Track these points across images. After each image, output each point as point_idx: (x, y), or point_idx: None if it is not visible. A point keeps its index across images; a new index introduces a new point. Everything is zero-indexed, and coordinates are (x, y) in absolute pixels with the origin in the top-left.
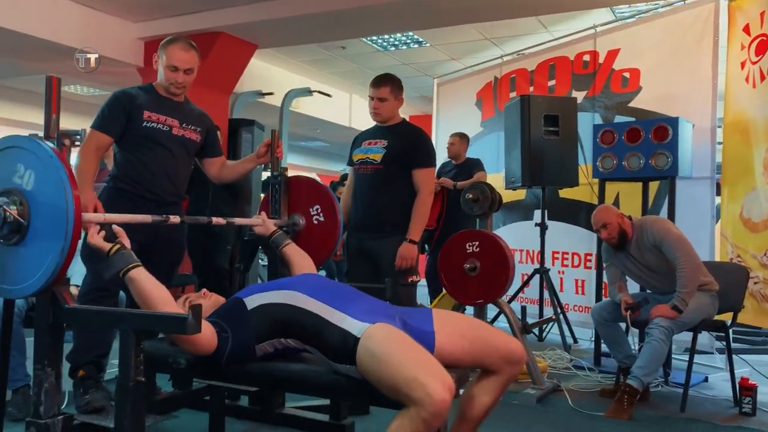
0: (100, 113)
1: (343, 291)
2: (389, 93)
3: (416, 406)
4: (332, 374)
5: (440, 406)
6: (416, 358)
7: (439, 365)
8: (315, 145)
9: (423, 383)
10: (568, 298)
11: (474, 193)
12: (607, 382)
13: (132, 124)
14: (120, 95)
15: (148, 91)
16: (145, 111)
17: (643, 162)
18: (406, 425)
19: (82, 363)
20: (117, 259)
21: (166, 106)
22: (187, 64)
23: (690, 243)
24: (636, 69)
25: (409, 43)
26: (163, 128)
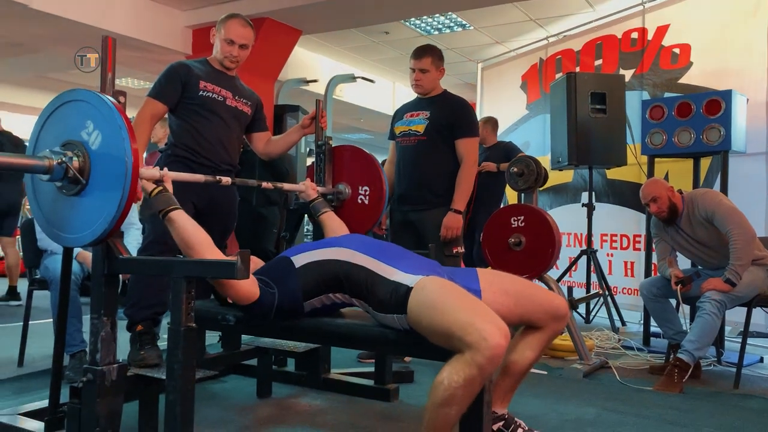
0: (156, 82)
1: (392, 248)
2: (431, 64)
3: (471, 350)
4: (379, 327)
5: (496, 351)
6: (471, 305)
7: (494, 313)
8: (359, 138)
9: (479, 327)
10: (616, 280)
11: (519, 166)
12: (657, 361)
13: (188, 93)
14: (177, 66)
15: (204, 63)
16: (201, 81)
17: (694, 137)
18: (459, 369)
19: (140, 319)
20: (158, 200)
21: (220, 78)
22: (244, 39)
23: (743, 215)
24: (686, 44)
25: (453, 26)
26: (218, 98)
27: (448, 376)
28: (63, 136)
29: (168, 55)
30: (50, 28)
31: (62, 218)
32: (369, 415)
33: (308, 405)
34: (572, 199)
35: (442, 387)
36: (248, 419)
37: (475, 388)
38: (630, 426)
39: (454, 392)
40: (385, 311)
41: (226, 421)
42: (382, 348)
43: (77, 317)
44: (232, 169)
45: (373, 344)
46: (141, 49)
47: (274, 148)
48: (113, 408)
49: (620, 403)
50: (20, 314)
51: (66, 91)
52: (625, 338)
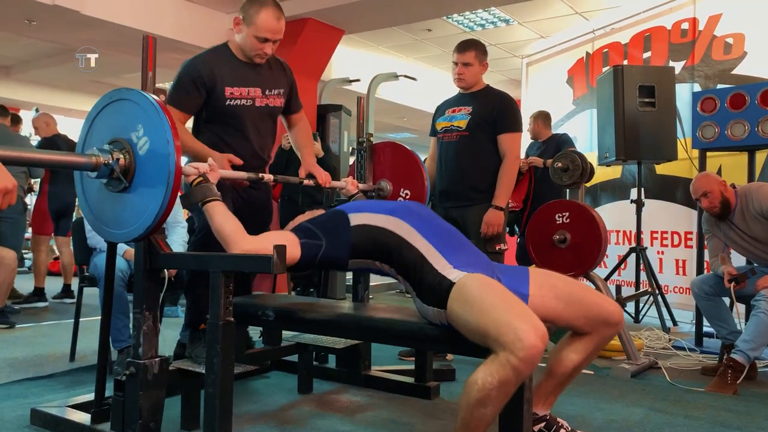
0: (176, 89)
1: (451, 234)
2: (474, 58)
3: (506, 350)
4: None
5: (531, 352)
6: (509, 305)
7: (532, 313)
8: (402, 137)
9: (515, 327)
10: (667, 279)
11: (563, 161)
12: (709, 362)
13: (213, 102)
14: (194, 69)
15: (225, 56)
16: (226, 87)
17: (748, 129)
18: (494, 371)
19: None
20: (198, 190)
21: (247, 74)
22: (279, 34)
23: None
24: (740, 34)
25: (496, 21)
26: (247, 103)
27: (483, 376)
28: (110, 134)
29: None
30: (102, 34)
31: (108, 214)
32: (409, 413)
33: (348, 401)
34: (621, 196)
35: (476, 387)
36: (289, 414)
37: (510, 389)
38: (679, 427)
39: (489, 393)
40: (426, 302)
41: (266, 416)
42: (419, 344)
43: (124, 313)
44: (264, 165)
45: (411, 340)
46: (188, 52)
47: (293, 141)
48: (155, 401)
49: (669, 404)
50: (74, 311)
51: (113, 90)
52: (676, 338)
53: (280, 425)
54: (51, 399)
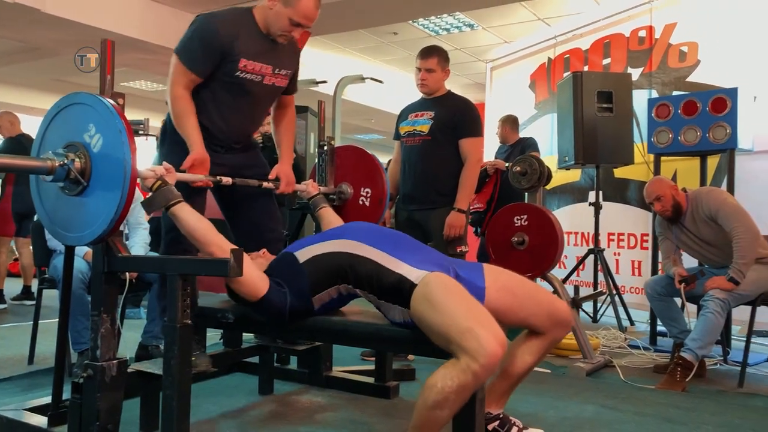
0: (191, 47)
1: (399, 238)
2: (436, 64)
3: (467, 356)
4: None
5: (491, 359)
6: (471, 310)
7: (493, 320)
8: (370, 138)
9: (477, 335)
10: (624, 279)
11: (522, 165)
12: (663, 360)
13: (225, 68)
14: (214, 31)
15: (248, 25)
16: (242, 59)
17: (700, 135)
18: (453, 375)
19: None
20: (159, 195)
21: (264, 50)
22: (313, 22)
23: (747, 213)
24: (694, 42)
25: (460, 26)
26: (256, 78)
27: (442, 380)
28: (66, 137)
29: None
30: (64, 32)
31: (65, 217)
32: (368, 412)
33: (309, 402)
34: (580, 199)
35: (435, 390)
36: (249, 415)
37: (467, 394)
38: (628, 424)
39: (447, 396)
40: (390, 301)
41: (227, 416)
42: (378, 345)
43: (85, 315)
44: (248, 140)
45: (369, 341)
46: (153, 51)
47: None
48: (113, 403)
49: (620, 401)
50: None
51: (69, 93)
52: (631, 337)
53: (241, 426)
54: (8, 402)
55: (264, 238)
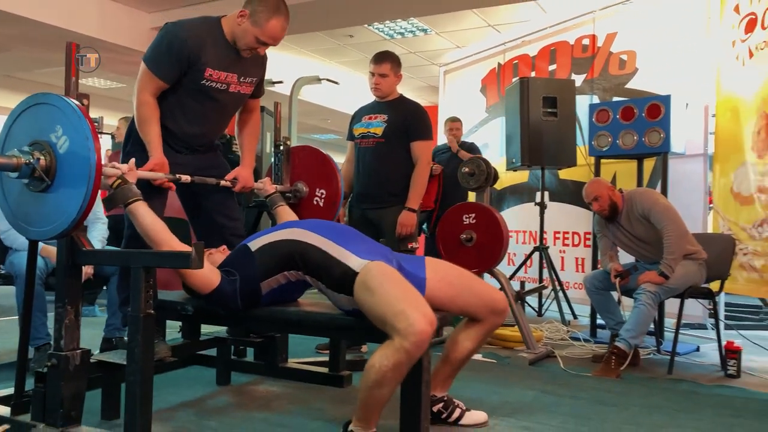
0: (158, 54)
1: (347, 231)
2: (390, 69)
3: (400, 336)
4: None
5: (421, 337)
6: (405, 294)
7: (424, 301)
8: (327, 138)
9: (407, 315)
10: (568, 276)
11: (470, 166)
12: (601, 350)
13: (190, 75)
14: (182, 40)
15: (215, 34)
16: (207, 68)
17: (636, 139)
18: (389, 354)
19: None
20: (119, 193)
21: (230, 60)
22: (279, 41)
23: (677, 212)
24: (633, 51)
25: (414, 30)
26: (221, 87)
27: (379, 360)
28: (32, 135)
29: (135, 56)
30: (16, 29)
31: (29, 213)
32: (322, 399)
33: (265, 391)
34: (528, 199)
35: (373, 370)
36: (208, 404)
37: (403, 371)
38: (565, 406)
39: (385, 375)
40: (336, 290)
41: (185, 405)
42: (328, 333)
43: (42, 311)
44: (210, 144)
45: (322, 330)
46: (107, 50)
47: (239, 129)
48: (76, 391)
49: (558, 387)
50: None
51: (38, 93)
52: (573, 330)
53: (199, 414)
54: None
55: (224, 235)
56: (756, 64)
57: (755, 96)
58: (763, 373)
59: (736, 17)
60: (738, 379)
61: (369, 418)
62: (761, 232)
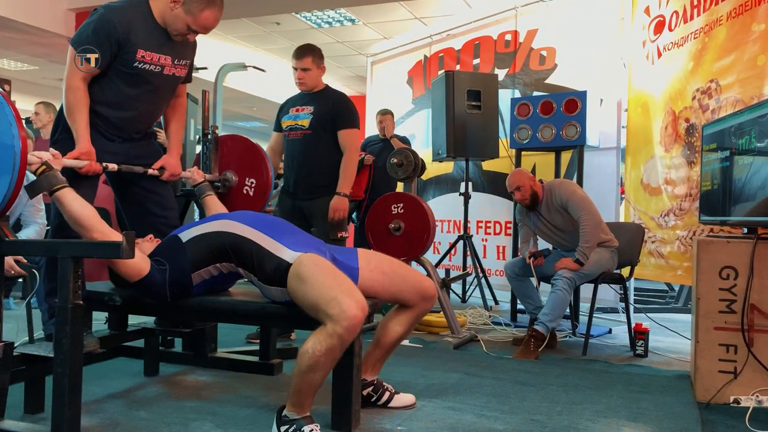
0: (87, 39)
1: (280, 223)
2: (311, 63)
3: (332, 321)
4: (259, 303)
5: (353, 321)
6: (336, 282)
7: (356, 289)
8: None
9: (339, 301)
10: (490, 263)
11: (399, 158)
12: (521, 334)
13: (122, 58)
14: (108, 22)
15: (144, 16)
16: (139, 50)
17: (555, 133)
18: (322, 340)
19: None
20: (43, 179)
21: (161, 40)
22: (209, 32)
23: (593, 203)
24: (552, 48)
25: (342, 20)
26: (155, 69)
27: (312, 345)
28: None
29: (50, 37)
30: None
31: None
32: (253, 387)
33: (195, 381)
34: (453, 189)
35: (307, 355)
36: (136, 395)
37: (336, 355)
38: (487, 387)
39: (318, 360)
40: (269, 283)
41: (113, 396)
42: (262, 321)
43: None
44: (145, 134)
45: (254, 319)
46: (22, 31)
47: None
48: None
49: (481, 369)
50: None
51: None
52: (495, 315)
53: (128, 405)
54: None
55: (156, 225)
56: (664, 64)
57: (663, 93)
58: (667, 352)
59: (646, 18)
60: (645, 358)
61: (302, 403)
62: (667, 221)
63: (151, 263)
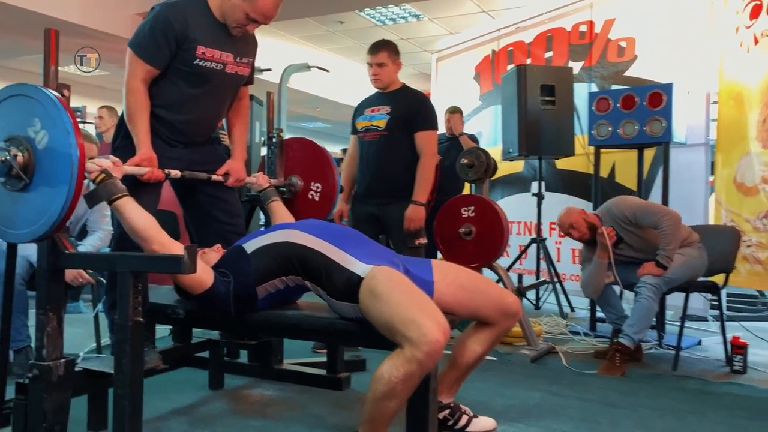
0: (145, 39)
1: (348, 233)
2: (387, 57)
3: (411, 346)
4: (327, 318)
5: (434, 347)
6: (415, 301)
7: (437, 308)
8: (316, 126)
9: (419, 324)
10: (565, 267)
11: (469, 158)
12: (602, 345)
13: (182, 56)
14: (165, 19)
15: (202, 11)
16: (199, 46)
17: (637, 129)
18: (399, 365)
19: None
20: (102, 189)
21: (222, 37)
22: (270, 20)
23: (659, 204)
24: (632, 38)
25: (407, 16)
26: (217, 67)
27: (389, 370)
28: (8, 130)
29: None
30: None
31: (6, 214)
32: (320, 404)
33: (261, 395)
34: (523, 189)
35: (382, 381)
36: (200, 411)
37: (414, 383)
38: (572, 409)
39: (394, 386)
40: (339, 299)
41: (177, 412)
42: (330, 339)
43: (24, 312)
44: (209, 138)
45: (321, 335)
46: (90, 36)
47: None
48: (60, 403)
49: (564, 387)
50: None
51: (14, 84)
52: (572, 324)
53: (191, 422)
54: None
55: (222, 232)
56: (762, 51)
57: (760, 84)
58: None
59: (740, 2)
60: (745, 375)
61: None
62: (765, 224)
63: (215, 275)
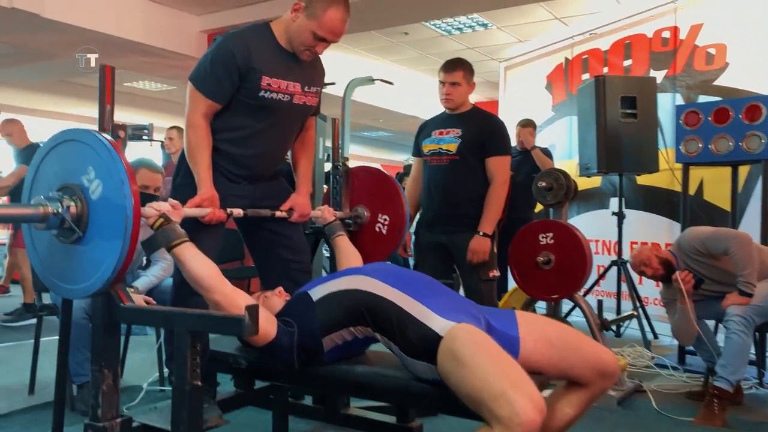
0: (205, 72)
1: (421, 280)
2: (462, 77)
3: (500, 425)
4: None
5: (528, 427)
6: (504, 370)
7: (530, 380)
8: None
9: (511, 400)
10: (647, 291)
11: (547, 180)
12: (693, 382)
13: (246, 89)
14: (227, 51)
15: (267, 40)
16: (264, 77)
17: (732, 145)
18: None
19: None
20: (160, 234)
21: (289, 65)
22: (339, 38)
23: (725, 228)
24: (722, 44)
25: (474, 26)
26: (284, 98)
27: None
28: (62, 177)
29: (184, 60)
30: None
31: (60, 267)
32: None
33: None
34: (601, 205)
35: None
36: None
37: None
38: None
39: None
40: (414, 356)
41: None
42: (403, 401)
43: (86, 346)
44: (276, 172)
45: (395, 397)
46: (156, 54)
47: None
48: None
49: None
50: None
51: (66, 129)
52: (658, 355)
53: None
54: None
55: (287, 270)
56: None
57: None
58: None
59: None
60: None
61: None
62: None
63: (278, 325)
